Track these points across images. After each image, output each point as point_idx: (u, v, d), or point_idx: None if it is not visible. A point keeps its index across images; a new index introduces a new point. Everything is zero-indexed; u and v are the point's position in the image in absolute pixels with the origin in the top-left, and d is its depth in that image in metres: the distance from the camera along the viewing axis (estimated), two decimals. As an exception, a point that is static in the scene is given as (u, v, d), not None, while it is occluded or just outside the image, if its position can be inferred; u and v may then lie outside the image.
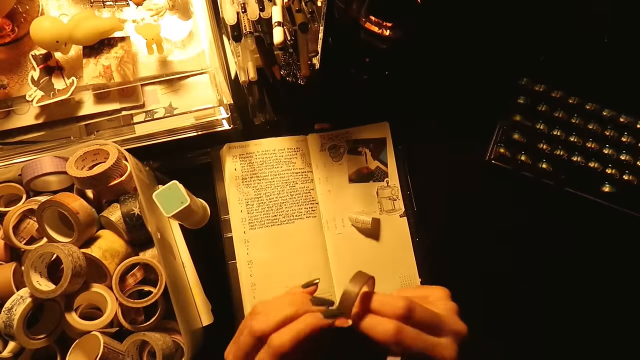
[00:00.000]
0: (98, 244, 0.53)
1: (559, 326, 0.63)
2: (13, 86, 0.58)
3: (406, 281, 0.62)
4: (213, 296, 0.59)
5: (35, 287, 0.47)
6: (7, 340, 0.52)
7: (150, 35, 0.58)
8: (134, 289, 0.54)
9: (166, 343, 0.52)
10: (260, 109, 0.69)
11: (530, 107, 0.67)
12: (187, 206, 0.52)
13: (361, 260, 0.62)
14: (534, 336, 0.63)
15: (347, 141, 0.67)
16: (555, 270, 0.65)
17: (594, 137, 0.65)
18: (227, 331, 0.59)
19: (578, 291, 0.64)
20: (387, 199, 0.65)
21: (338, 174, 0.65)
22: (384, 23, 0.58)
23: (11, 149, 0.58)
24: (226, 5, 0.58)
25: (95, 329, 0.50)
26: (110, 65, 0.58)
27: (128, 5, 0.62)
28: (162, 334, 0.53)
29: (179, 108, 0.60)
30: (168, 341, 0.53)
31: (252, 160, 0.65)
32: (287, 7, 0.58)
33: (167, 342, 0.53)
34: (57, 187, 0.58)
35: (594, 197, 0.64)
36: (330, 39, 0.60)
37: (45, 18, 0.54)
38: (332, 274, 0.63)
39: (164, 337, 0.53)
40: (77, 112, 0.59)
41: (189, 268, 0.60)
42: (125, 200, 0.54)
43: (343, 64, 0.64)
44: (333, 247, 0.64)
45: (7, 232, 0.52)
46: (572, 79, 0.67)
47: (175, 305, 0.50)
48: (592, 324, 0.63)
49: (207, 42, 0.62)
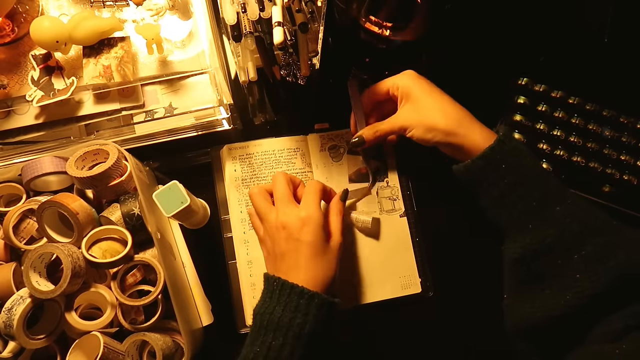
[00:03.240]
0: (98, 243, 0.53)
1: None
2: (13, 86, 0.58)
3: (406, 281, 0.62)
4: (213, 296, 0.60)
5: (34, 287, 0.47)
6: (7, 340, 0.52)
7: (150, 35, 0.58)
8: (134, 289, 0.54)
9: (166, 343, 0.52)
10: (260, 109, 0.69)
11: (530, 107, 0.67)
12: (187, 206, 0.52)
13: (361, 260, 0.62)
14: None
15: (347, 141, 0.67)
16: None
17: (594, 137, 0.65)
18: (227, 331, 0.60)
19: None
20: (387, 199, 0.65)
21: (338, 174, 0.65)
22: (384, 23, 0.58)
23: (11, 149, 0.58)
24: (226, 5, 0.58)
25: (95, 329, 0.50)
26: (110, 65, 0.58)
27: (128, 5, 0.62)
28: (162, 334, 0.53)
29: (179, 108, 0.60)
30: (168, 341, 0.53)
31: (251, 161, 0.65)
32: (287, 7, 0.58)
33: (167, 342, 0.53)
34: (57, 187, 0.58)
35: (594, 197, 0.64)
36: (330, 39, 0.60)
37: (45, 18, 0.54)
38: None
39: (164, 337, 0.53)
40: (77, 112, 0.59)
41: (189, 268, 0.60)
42: (125, 200, 0.54)
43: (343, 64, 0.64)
44: (333, 247, 0.64)
45: (7, 232, 0.52)
46: (572, 79, 0.67)
47: (175, 305, 0.50)
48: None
49: (207, 42, 0.62)
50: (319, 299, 0.49)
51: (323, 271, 0.51)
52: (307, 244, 0.51)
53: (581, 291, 0.46)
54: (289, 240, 0.52)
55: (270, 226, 0.54)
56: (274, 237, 0.53)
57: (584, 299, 0.46)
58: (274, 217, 0.54)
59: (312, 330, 0.48)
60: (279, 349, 0.47)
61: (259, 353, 0.47)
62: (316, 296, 0.49)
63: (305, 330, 0.47)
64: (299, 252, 0.51)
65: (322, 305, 0.49)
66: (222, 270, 0.62)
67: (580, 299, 0.46)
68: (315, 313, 0.48)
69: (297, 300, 0.48)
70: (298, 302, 0.48)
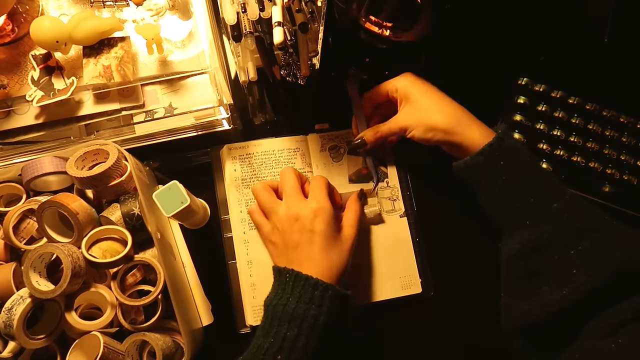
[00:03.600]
0: (98, 244, 0.53)
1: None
2: (13, 86, 0.58)
3: (406, 281, 0.62)
4: (213, 296, 0.59)
5: (34, 287, 0.47)
6: (7, 340, 0.52)
7: (150, 35, 0.58)
8: (134, 289, 0.54)
9: (166, 343, 0.52)
10: (260, 109, 0.69)
11: (530, 107, 0.67)
12: (187, 206, 0.52)
13: (361, 260, 0.62)
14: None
15: (348, 141, 0.67)
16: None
17: (594, 137, 0.65)
18: (227, 331, 0.60)
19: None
20: (387, 199, 0.65)
21: (338, 174, 0.65)
22: (384, 23, 0.58)
23: (11, 149, 0.58)
24: (226, 5, 0.58)
25: (95, 329, 0.50)
26: (110, 65, 0.58)
27: (128, 5, 0.62)
28: (162, 334, 0.53)
29: (179, 108, 0.60)
30: (168, 341, 0.53)
31: (251, 161, 0.65)
32: (287, 7, 0.58)
33: (167, 342, 0.53)
34: (57, 187, 0.58)
35: (594, 197, 0.64)
36: (330, 39, 0.60)
37: (45, 18, 0.54)
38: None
39: (164, 337, 0.53)
40: (77, 112, 0.59)
41: (189, 268, 0.60)
42: (125, 200, 0.54)
43: (343, 64, 0.64)
44: (333, 247, 0.64)
45: (7, 232, 0.52)
46: (572, 79, 0.67)
47: (175, 305, 0.50)
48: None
49: (207, 42, 0.62)
50: (332, 291, 0.49)
51: (336, 263, 0.52)
52: (321, 235, 0.52)
53: (577, 286, 0.46)
54: (302, 231, 0.53)
55: (280, 219, 0.55)
56: (285, 230, 0.54)
57: (580, 294, 0.46)
58: (284, 210, 0.55)
59: (326, 322, 0.48)
60: (294, 339, 0.47)
61: (273, 343, 0.47)
62: (330, 288, 0.49)
63: (319, 321, 0.48)
64: (313, 242, 0.52)
65: (335, 297, 0.49)
66: (222, 270, 0.61)
67: (577, 294, 0.46)
68: (330, 305, 0.49)
69: (312, 291, 0.49)
70: (312, 293, 0.49)
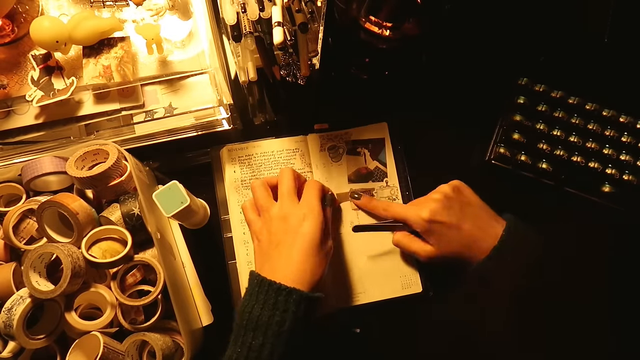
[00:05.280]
0: (98, 244, 0.53)
1: (558, 325, 0.63)
2: (13, 86, 0.58)
3: (406, 281, 0.62)
4: (213, 296, 0.60)
5: (34, 287, 0.47)
6: (7, 340, 0.52)
7: (150, 35, 0.58)
8: (134, 289, 0.54)
9: (166, 343, 0.52)
10: (260, 109, 0.69)
11: (530, 107, 0.67)
12: (187, 206, 0.52)
13: (361, 260, 0.62)
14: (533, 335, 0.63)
15: (347, 142, 0.66)
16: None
17: (594, 137, 0.65)
18: (227, 331, 0.60)
19: (577, 290, 0.64)
20: (386, 199, 0.65)
21: (337, 174, 0.65)
22: (384, 23, 0.59)
23: (11, 149, 0.58)
24: (226, 5, 0.58)
25: (95, 329, 0.50)
26: (110, 65, 0.58)
27: (128, 5, 0.62)
28: (162, 334, 0.53)
29: (179, 108, 0.60)
30: (168, 341, 0.53)
31: (251, 162, 0.65)
32: (287, 7, 0.58)
33: (167, 342, 0.53)
34: (57, 187, 0.58)
35: (594, 197, 0.64)
36: (330, 39, 0.60)
37: (45, 18, 0.54)
38: (332, 274, 0.63)
39: (164, 337, 0.53)
40: (77, 112, 0.59)
41: (189, 268, 0.60)
42: (125, 200, 0.54)
43: (343, 64, 0.64)
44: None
45: (7, 232, 0.52)
46: (572, 79, 0.67)
47: (175, 305, 0.50)
48: (591, 322, 0.63)
49: (207, 42, 0.62)
50: (297, 295, 0.49)
51: (312, 269, 0.52)
52: (304, 238, 0.52)
53: None
54: (288, 232, 0.53)
55: (270, 217, 0.55)
56: (271, 228, 0.54)
57: None
58: (276, 209, 0.55)
59: (292, 328, 0.48)
60: (259, 348, 0.47)
61: (240, 354, 0.47)
62: (294, 292, 0.49)
63: (284, 327, 0.47)
64: (295, 244, 0.52)
65: (300, 300, 0.49)
66: (222, 270, 0.61)
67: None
68: (295, 309, 0.48)
69: (275, 297, 0.48)
70: (276, 299, 0.48)
